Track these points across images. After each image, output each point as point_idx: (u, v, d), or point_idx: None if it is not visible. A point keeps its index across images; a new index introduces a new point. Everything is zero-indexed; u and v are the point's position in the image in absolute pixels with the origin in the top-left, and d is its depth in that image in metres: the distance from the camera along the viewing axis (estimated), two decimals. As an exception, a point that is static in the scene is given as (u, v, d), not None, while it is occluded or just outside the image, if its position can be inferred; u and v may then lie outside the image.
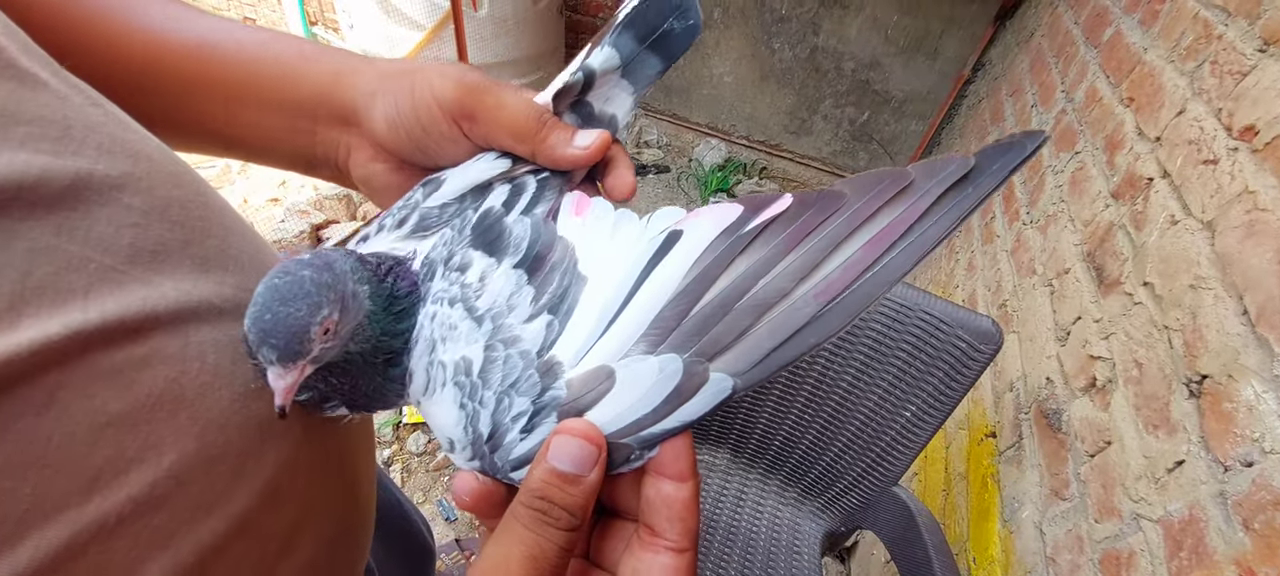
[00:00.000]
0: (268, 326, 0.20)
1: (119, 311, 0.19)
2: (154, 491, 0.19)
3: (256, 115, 0.31)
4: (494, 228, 0.27)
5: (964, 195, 0.21)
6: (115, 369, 0.19)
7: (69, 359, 0.18)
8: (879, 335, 0.92)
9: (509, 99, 0.29)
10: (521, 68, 2.38)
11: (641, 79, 0.32)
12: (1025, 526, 0.93)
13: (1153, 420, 0.76)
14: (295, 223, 1.77)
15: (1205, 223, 0.78)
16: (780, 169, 2.91)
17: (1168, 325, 0.78)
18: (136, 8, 0.30)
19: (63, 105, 0.21)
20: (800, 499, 1.13)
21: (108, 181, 0.21)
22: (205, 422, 0.21)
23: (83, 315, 0.18)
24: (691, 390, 0.21)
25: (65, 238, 0.19)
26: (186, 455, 0.21)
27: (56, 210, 0.19)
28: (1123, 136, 1.08)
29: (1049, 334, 1.07)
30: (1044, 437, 0.98)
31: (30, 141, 0.19)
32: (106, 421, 0.18)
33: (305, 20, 3.02)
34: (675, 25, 0.31)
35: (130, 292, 0.20)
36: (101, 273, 0.19)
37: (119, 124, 0.23)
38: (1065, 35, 1.58)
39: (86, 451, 0.18)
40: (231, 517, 0.22)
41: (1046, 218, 1.26)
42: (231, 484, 0.22)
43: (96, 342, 0.19)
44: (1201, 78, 0.91)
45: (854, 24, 2.44)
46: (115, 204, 0.21)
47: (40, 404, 0.17)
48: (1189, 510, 0.66)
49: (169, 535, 0.20)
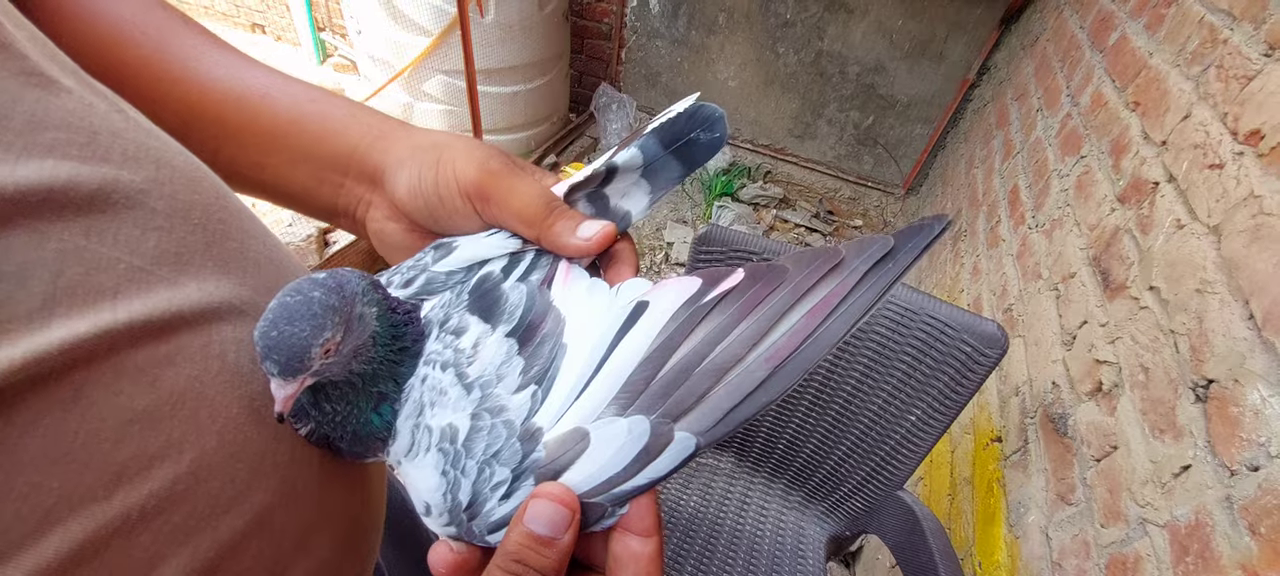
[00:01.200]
0: (273, 343, 0.22)
1: (146, 311, 0.20)
2: (175, 488, 0.20)
3: (288, 167, 0.33)
4: (491, 293, 0.28)
5: (886, 271, 0.24)
6: (140, 367, 0.19)
7: (97, 357, 0.18)
8: (884, 340, 0.92)
9: (522, 186, 0.31)
10: (527, 73, 2.40)
11: (660, 182, 0.33)
12: (1031, 531, 0.93)
13: (1159, 424, 0.75)
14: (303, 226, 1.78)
15: (1211, 227, 0.78)
16: (785, 173, 2.92)
17: (1174, 329, 0.78)
18: (194, 55, 0.31)
19: (89, 112, 0.21)
20: (805, 503, 1.13)
21: (133, 186, 0.21)
22: (225, 420, 0.22)
23: (112, 315, 0.19)
24: (658, 449, 0.23)
25: (94, 240, 0.19)
26: (207, 452, 0.21)
27: (85, 214, 0.19)
28: (1128, 140, 1.07)
29: (1055, 338, 1.07)
30: (1050, 442, 0.97)
31: (58, 147, 0.19)
32: (131, 418, 0.19)
33: (313, 26, 3.04)
34: (701, 137, 0.32)
35: (157, 293, 0.21)
36: (129, 273, 0.20)
37: (142, 130, 0.23)
38: (1071, 39, 1.58)
39: (112, 448, 0.18)
40: (249, 515, 0.22)
41: (1052, 222, 1.26)
42: (250, 482, 0.23)
43: (124, 341, 0.19)
44: (1207, 82, 0.91)
45: (859, 28, 2.45)
46: (141, 208, 0.21)
47: (68, 400, 0.17)
48: (1195, 515, 0.66)
49: (189, 531, 0.20)
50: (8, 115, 0.18)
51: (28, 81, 0.19)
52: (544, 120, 2.66)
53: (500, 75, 2.32)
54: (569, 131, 2.90)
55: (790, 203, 2.78)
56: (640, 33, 2.82)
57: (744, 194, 2.68)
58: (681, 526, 1.06)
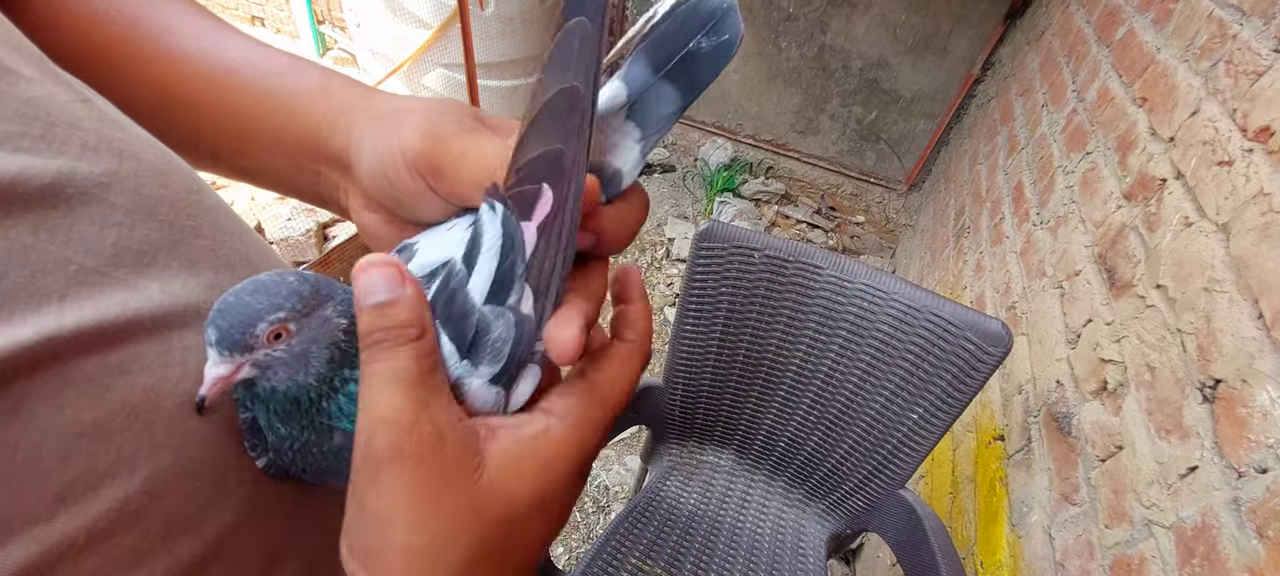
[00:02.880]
0: (222, 307, 0.20)
1: (97, 316, 0.18)
2: (126, 508, 0.18)
3: (263, 153, 0.29)
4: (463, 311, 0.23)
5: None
6: (89, 377, 0.18)
7: (40, 366, 0.17)
8: (886, 336, 0.91)
9: (474, 147, 0.25)
10: (528, 66, 2.38)
11: (652, 121, 0.26)
12: (1034, 531, 0.93)
13: (1165, 425, 0.75)
14: (302, 221, 1.77)
15: (1220, 225, 0.77)
16: (787, 168, 2.90)
17: (1181, 328, 0.77)
18: (165, 28, 0.28)
19: (47, 101, 0.20)
20: (805, 501, 1.13)
21: (91, 180, 0.20)
22: (184, 434, 0.20)
23: (58, 320, 0.17)
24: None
25: (44, 238, 0.18)
26: (162, 469, 0.19)
27: (34, 209, 0.18)
28: (1135, 137, 1.06)
29: (1059, 336, 1.06)
30: (1053, 441, 0.97)
31: (9, 139, 0.18)
32: (78, 432, 0.17)
33: (313, 18, 3.03)
34: (704, 44, 0.24)
35: (110, 296, 0.19)
36: (81, 275, 0.18)
37: (106, 121, 0.22)
38: (1077, 34, 1.56)
39: (55, 465, 0.17)
40: (210, 537, 0.21)
41: (1056, 219, 1.25)
42: (211, 500, 0.21)
43: (69, 348, 0.17)
44: (1216, 78, 0.90)
45: (862, 23, 2.43)
46: (99, 203, 0.20)
47: (7, 413, 0.16)
48: (1201, 516, 0.65)
49: (142, 555, 0.19)
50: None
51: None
52: (545, 114, 2.64)
53: (501, 68, 2.30)
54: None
55: (792, 198, 2.76)
56: (642, 26, 2.80)
57: (745, 189, 2.67)
58: (681, 523, 1.05)
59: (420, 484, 0.20)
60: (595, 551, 0.95)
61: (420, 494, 0.20)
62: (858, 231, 2.72)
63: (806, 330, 0.97)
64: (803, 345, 0.98)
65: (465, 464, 0.21)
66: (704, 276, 0.94)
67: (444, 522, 0.20)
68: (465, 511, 0.21)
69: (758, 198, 2.67)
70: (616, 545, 0.97)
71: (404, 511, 0.20)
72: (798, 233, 2.60)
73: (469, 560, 0.21)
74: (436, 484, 0.20)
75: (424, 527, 0.20)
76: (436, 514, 0.20)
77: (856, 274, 0.92)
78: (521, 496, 0.22)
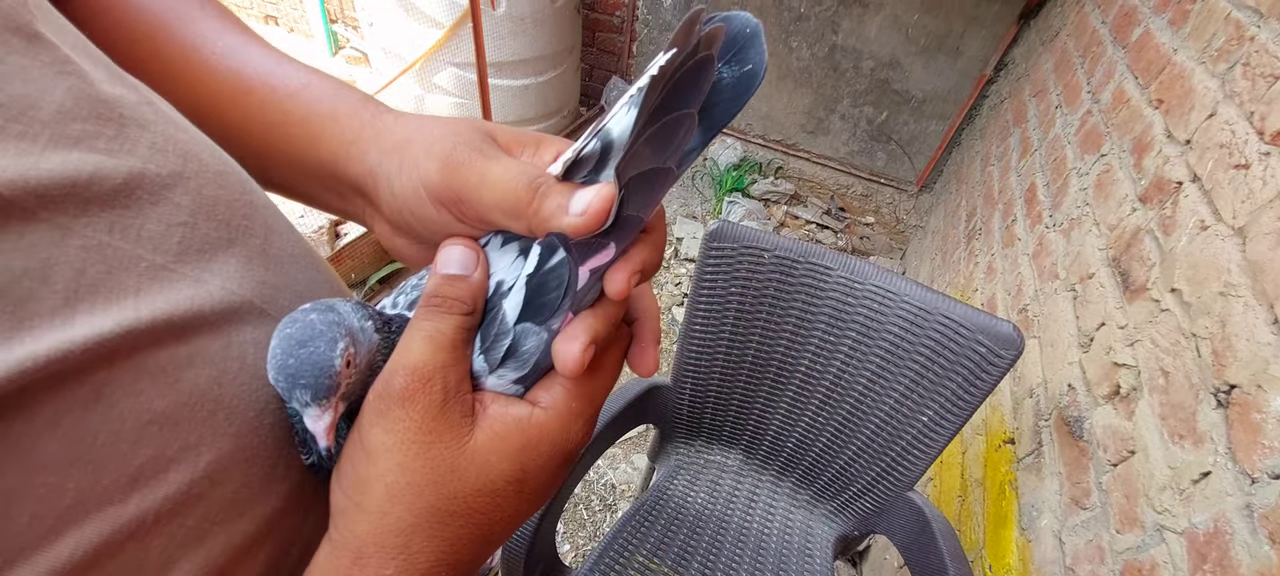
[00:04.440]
0: (294, 370, 0.21)
1: (168, 310, 0.20)
2: (191, 491, 0.20)
3: (288, 173, 0.30)
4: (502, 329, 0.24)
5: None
6: (161, 367, 0.19)
7: (118, 356, 0.18)
8: (896, 338, 0.91)
9: (495, 171, 0.24)
10: (538, 66, 2.39)
11: None
12: (1044, 535, 0.92)
13: (1178, 430, 0.74)
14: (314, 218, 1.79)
15: (1236, 229, 0.76)
16: (796, 169, 2.89)
17: (1196, 333, 0.77)
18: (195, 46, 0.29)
19: (118, 103, 0.21)
20: (813, 502, 1.13)
21: (159, 180, 0.21)
22: (241, 424, 0.22)
23: (135, 313, 0.19)
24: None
25: (118, 236, 0.19)
26: (222, 455, 0.21)
27: (110, 208, 0.19)
28: (1151, 139, 1.05)
29: (1071, 340, 1.05)
30: (1065, 445, 0.96)
31: (85, 139, 0.19)
32: (150, 419, 0.19)
33: (325, 18, 3.05)
34: (725, 74, 0.22)
35: (179, 291, 0.20)
36: (151, 271, 0.20)
37: (171, 123, 0.23)
38: (1092, 34, 1.55)
39: (129, 449, 0.18)
40: (261, 520, 0.22)
41: (1070, 221, 1.24)
42: (263, 486, 0.23)
43: (145, 340, 0.19)
44: (1233, 80, 0.89)
45: (873, 23, 2.42)
46: (165, 202, 0.21)
47: (89, 400, 0.17)
48: (1214, 522, 0.64)
49: (202, 535, 0.20)
50: (36, 105, 0.18)
51: (59, 71, 0.19)
52: (555, 113, 2.65)
53: (511, 68, 2.31)
54: (580, 125, 2.90)
55: (801, 199, 2.75)
56: (652, 26, 2.80)
57: (754, 189, 2.66)
58: (688, 523, 1.06)
59: (416, 431, 0.22)
60: (602, 549, 0.96)
61: (413, 439, 0.22)
62: (867, 232, 2.71)
63: (816, 331, 0.97)
64: (812, 345, 0.98)
65: (457, 427, 0.23)
66: (713, 276, 0.95)
67: (425, 471, 0.22)
68: (445, 468, 0.23)
69: (767, 197, 2.66)
70: (623, 543, 0.98)
71: (395, 449, 0.22)
72: (807, 233, 2.59)
73: (438, 512, 0.23)
74: (428, 436, 0.22)
75: (407, 470, 0.22)
76: (422, 462, 0.22)
77: (866, 275, 0.92)
78: (500, 470, 0.24)
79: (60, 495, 0.16)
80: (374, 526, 0.22)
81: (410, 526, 0.22)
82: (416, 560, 0.22)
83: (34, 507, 0.16)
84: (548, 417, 0.25)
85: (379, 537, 0.22)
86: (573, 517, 1.55)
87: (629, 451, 1.71)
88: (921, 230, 2.62)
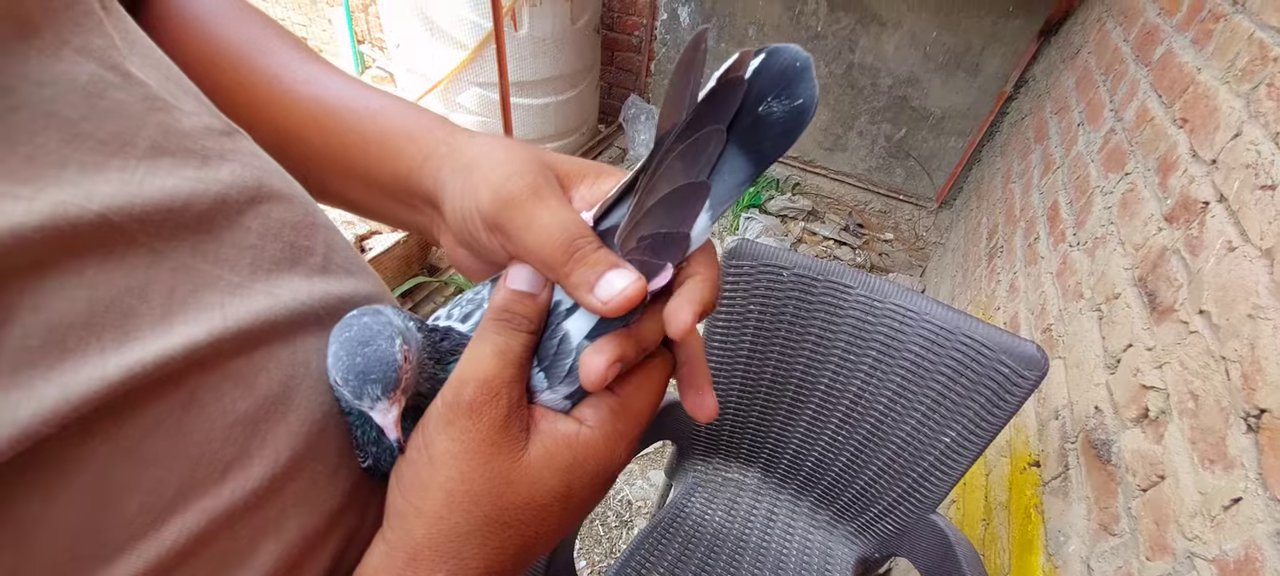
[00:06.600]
0: (362, 368, 0.22)
1: (248, 320, 0.22)
2: (270, 484, 0.22)
3: (363, 188, 0.32)
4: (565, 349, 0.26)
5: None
6: (241, 373, 0.21)
7: (208, 363, 0.20)
8: (917, 358, 0.90)
9: (540, 219, 0.24)
10: (559, 85, 2.44)
11: (722, 189, 0.24)
12: (1071, 561, 0.90)
13: (1209, 454, 0.73)
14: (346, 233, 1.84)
15: (1264, 250, 0.75)
16: (814, 185, 2.89)
17: (1225, 355, 0.75)
18: (276, 76, 0.31)
19: (204, 134, 0.23)
20: (832, 522, 1.11)
21: (235, 206, 0.23)
22: (310, 424, 0.24)
23: (223, 323, 0.21)
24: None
25: (199, 259, 0.21)
26: (296, 453, 0.23)
27: (194, 232, 0.21)
28: (1176, 158, 1.04)
29: (1097, 361, 1.04)
30: (1092, 469, 0.94)
31: (176, 170, 0.21)
32: (234, 420, 0.21)
33: (353, 39, 3.15)
34: (775, 108, 0.22)
35: (257, 302, 0.23)
36: (230, 288, 0.22)
37: (246, 152, 0.25)
38: (1114, 53, 1.54)
39: (219, 447, 0.20)
40: (327, 514, 0.24)
41: (1094, 240, 1.22)
42: (329, 483, 0.24)
43: (229, 349, 0.21)
44: (1258, 100, 0.88)
45: (891, 41, 2.42)
46: (238, 227, 0.23)
47: (185, 403, 0.20)
48: (1245, 550, 0.63)
49: (280, 524, 0.22)
50: (132, 141, 0.20)
51: (149, 107, 0.21)
52: (574, 131, 2.69)
53: (533, 87, 2.36)
54: (598, 142, 2.93)
55: (819, 215, 2.75)
56: (670, 45, 2.84)
57: (772, 206, 2.67)
58: (705, 542, 1.05)
59: (480, 442, 0.23)
60: (618, 567, 0.96)
61: (477, 449, 0.23)
62: (886, 248, 2.69)
63: (835, 349, 0.97)
64: (831, 364, 0.98)
65: (515, 441, 0.24)
66: (731, 293, 0.95)
67: (484, 481, 0.24)
68: (502, 480, 0.24)
69: (784, 214, 2.66)
70: (640, 561, 0.98)
71: (460, 457, 0.23)
72: (825, 249, 2.58)
73: (491, 522, 0.24)
74: (489, 448, 0.24)
75: (467, 478, 0.23)
76: (482, 472, 0.24)
77: (887, 293, 0.92)
78: (549, 485, 0.25)
79: (164, 488, 0.19)
80: (431, 530, 0.23)
81: (465, 533, 0.24)
82: (467, 565, 0.24)
83: (142, 498, 0.18)
84: (594, 436, 0.26)
85: (434, 541, 0.23)
86: (589, 533, 1.55)
87: (646, 467, 1.71)
88: (941, 247, 2.59)
